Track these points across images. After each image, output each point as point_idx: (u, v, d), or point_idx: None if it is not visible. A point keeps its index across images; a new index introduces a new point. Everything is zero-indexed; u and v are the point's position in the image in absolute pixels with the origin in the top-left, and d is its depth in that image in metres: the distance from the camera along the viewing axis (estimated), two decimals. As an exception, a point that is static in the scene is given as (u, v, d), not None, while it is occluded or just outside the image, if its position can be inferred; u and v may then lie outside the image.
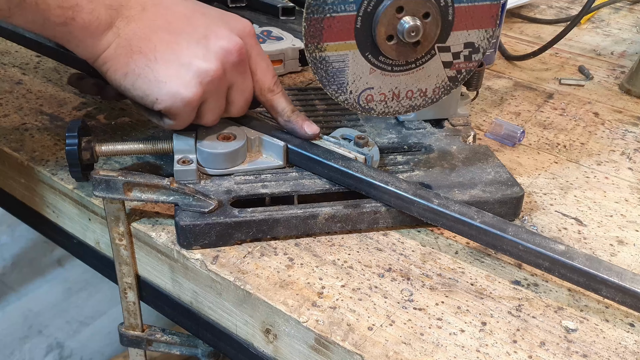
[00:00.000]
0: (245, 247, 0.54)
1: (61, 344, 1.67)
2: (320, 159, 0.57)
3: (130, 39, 0.53)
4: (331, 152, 0.57)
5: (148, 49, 0.53)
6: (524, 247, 0.49)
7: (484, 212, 0.52)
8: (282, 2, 0.96)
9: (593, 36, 1.03)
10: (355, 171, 0.55)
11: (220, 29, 0.55)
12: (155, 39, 0.53)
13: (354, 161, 0.56)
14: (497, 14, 0.57)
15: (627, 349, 0.46)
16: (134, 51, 0.53)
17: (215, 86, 0.54)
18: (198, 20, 0.55)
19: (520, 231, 0.50)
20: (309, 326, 0.46)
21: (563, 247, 0.49)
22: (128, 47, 0.53)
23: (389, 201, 0.54)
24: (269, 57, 0.60)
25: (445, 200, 0.53)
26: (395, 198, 0.54)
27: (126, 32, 0.53)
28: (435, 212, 0.52)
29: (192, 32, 0.54)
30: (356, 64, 0.56)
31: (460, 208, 0.52)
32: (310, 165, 0.58)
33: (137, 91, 0.54)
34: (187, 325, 0.59)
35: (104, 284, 1.81)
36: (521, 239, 0.49)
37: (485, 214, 0.52)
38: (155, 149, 0.58)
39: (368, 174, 0.55)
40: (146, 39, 0.53)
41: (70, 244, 0.66)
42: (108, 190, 0.52)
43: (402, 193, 0.53)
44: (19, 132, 0.67)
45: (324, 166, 0.57)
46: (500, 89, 0.84)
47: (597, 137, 0.73)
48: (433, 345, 0.45)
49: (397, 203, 0.54)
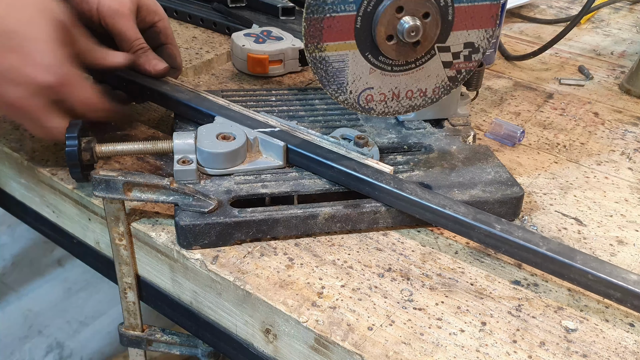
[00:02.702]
0: (245, 247, 0.54)
1: (61, 344, 1.67)
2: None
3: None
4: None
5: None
6: (594, 276, 0.47)
7: (549, 238, 0.50)
8: (282, 2, 0.96)
9: (593, 36, 1.03)
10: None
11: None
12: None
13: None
14: (497, 14, 0.57)
15: (627, 349, 0.46)
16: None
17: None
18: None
19: (588, 259, 0.48)
20: (308, 326, 0.46)
21: (636, 277, 0.47)
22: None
23: (446, 225, 0.53)
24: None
25: (508, 226, 0.50)
26: (453, 222, 0.52)
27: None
28: (498, 238, 0.50)
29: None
30: (356, 64, 0.56)
31: (524, 234, 0.50)
32: (310, 165, 0.58)
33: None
34: (187, 325, 0.59)
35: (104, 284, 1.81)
36: (590, 268, 0.47)
37: (550, 240, 0.50)
38: (155, 149, 0.58)
39: (423, 197, 0.53)
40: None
41: (70, 244, 0.66)
42: (108, 190, 0.52)
43: (462, 218, 0.52)
44: (19, 132, 0.67)
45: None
46: (500, 89, 0.84)
47: (597, 137, 0.73)
48: (433, 345, 0.45)
49: (454, 228, 0.52)
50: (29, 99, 0.55)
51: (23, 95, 0.55)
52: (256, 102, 0.69)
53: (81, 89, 0.57)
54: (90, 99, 0.58)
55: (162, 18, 0.69)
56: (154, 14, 0.68)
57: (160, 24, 0.69)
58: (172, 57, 0.70)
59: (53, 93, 0.56)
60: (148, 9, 0.67)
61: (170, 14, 0.98)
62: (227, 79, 0.82)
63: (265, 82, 0.81)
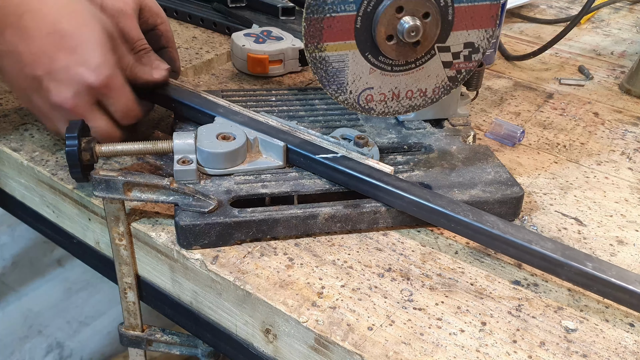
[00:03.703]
0: (245, 247, 0.54)
1: (61, 344, 1.67)
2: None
3: None
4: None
5: None
6: (594, 276, 0.47)
7: (548, 238, 0.49)
8: (282, 2, 0.96)
9: (593, 36, 1.03)
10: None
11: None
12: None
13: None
14: (497, 14, 0.57)
15: (627, 349, 0.46)
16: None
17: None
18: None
19: (588, 259, 0.48)
20: (308, 326, 0.46)
21: (636, 277, 0.46)
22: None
23: (446, 225, 0.52)
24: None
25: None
26: (453, 222, 0.52)
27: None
28: (498, 238, 0.50)
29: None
30: (356, 64, 0.56)
31: (524, 234, 0.50)
32: (310, 165, 0.58)
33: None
34: (187, 325, 0.59)
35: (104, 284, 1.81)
36: (590, 268, 0.47)
37: (550, 240, 0.49)
38: (155, 149, 0.58)
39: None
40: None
41: (70, 244, 0.66)
42: (108, 190, 0.52)
43: (462, 218, 0.51)
44: (19, 132, 0.67)
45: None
46: (500, 89, 0.84)
47: (597, 137, 0.73)
48: (433, 345, 0.45)
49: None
50: (75, 98, 0.57)
51: (70, 95, 0.57)
52: (256, 102, 0.69)
53: (123, 94, 0.59)
54: (129, 105, 0.60)
55: (164, 21, 0.70)
56: (156, 16, 0.69)
57: (162, 27, 0.69)
58: (173, 61, 0.70)
59: (98, 94, 0.58)
60: (151, 10, 0.68)
61: (170, 14, 0.99)
62: (227, 79, 0.82)
63: (265, 82, 0.81)
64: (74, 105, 0.57)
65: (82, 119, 0.56)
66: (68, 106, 0.57)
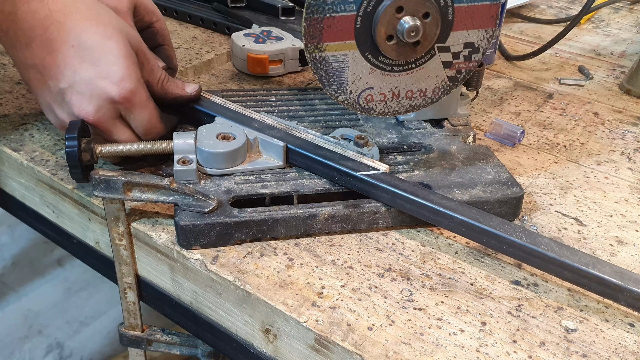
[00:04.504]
0: (245, 247, 0.54)
1: (61, 344, 1.67)
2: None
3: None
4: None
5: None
6: (593, 276, 0.47)
7: (548, 238, 0.49)
8: (282, 2, 0.96)
9: (593, 36, 1.03)
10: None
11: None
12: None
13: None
14: (497, 14, 0.57)
15: (627, 349, 0.46)
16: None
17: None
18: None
19: (587, 259, 0.48)
20: (308, 326, 0.46)
21: (636, 277, 0.46)
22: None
23: (446, 225, 0.52)
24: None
25: (508, 226, 0.49)
26: (453, 222, 0.52)
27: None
28: (498, 238, 0.50)
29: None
30: (356, 64, 0.56)
31: (524, 234, 0.49)
32: (311, 165, 0.58)
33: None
34: (187, 325, 0.59)
35: (104, 284, 1.81)
36: (590, 267, 0.47)
37: (550, 240, 0.49)
38: (155, 149, 0.58)
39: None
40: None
41: (70, 244, 0.66)
42: (108, 190, 0.52)
43: (462, 218, 0.51)
44: (19, 132, 0.67)
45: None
46: (500, 89, 0.84)
47: (597, 137, 0.73)
48: (433, 345, 0.45)
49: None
50: (98, 112, 0.56)
51: (93, 109, 0.56)
52: (256, 102, 0.69)
53: (146, 109, 0.59)
54: (152, 122, 0.60)
55: (160, 19, 0.70)
56: (151, 14, 0.68)
57: (157, 24, 0.69)
58: (169, 59, 0.70)
59: (121, 108, 0.57)
60: (146, 8, 0.68)
61: (170, 14, 0.99)
62: (227, 79, 0.82)
63: (265, 82, 0.81)
64: (96, 119, 0.56)
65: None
66: (90, 119, 0.56)
